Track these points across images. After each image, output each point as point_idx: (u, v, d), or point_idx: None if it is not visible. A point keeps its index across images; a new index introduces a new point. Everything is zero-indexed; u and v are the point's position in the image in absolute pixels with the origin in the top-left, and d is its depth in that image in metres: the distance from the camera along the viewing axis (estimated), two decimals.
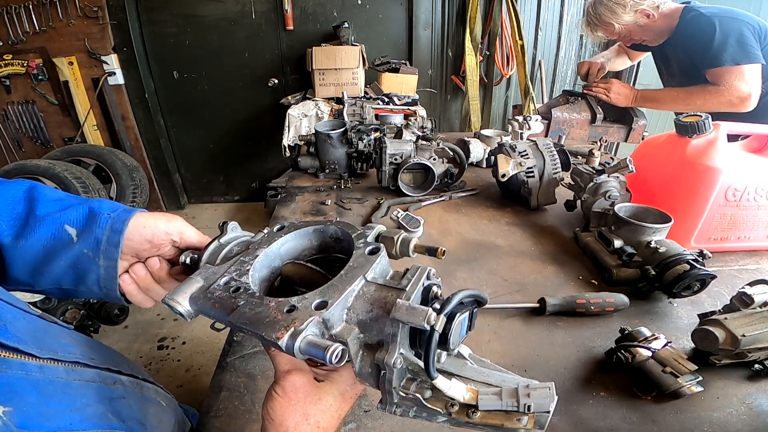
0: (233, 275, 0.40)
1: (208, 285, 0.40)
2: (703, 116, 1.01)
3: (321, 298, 0.34)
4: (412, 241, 0.41)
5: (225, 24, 3.25)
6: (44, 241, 0.47)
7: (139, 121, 3.47)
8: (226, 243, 0.47)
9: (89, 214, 0.49)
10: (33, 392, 0.35)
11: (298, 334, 0.32)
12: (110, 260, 0.48)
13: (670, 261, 0.83)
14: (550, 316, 0.83)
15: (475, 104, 3.40)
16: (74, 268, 0.49)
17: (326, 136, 1.45)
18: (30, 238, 0.47)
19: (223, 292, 0.38)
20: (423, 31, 3.34)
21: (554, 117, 1.81)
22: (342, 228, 0.43)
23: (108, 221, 0.49)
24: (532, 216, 1.25)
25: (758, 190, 0.99)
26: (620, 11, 1.64)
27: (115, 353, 0.53)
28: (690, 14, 1.58)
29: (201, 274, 0.43)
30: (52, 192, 0.52)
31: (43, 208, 0.49)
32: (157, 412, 0.51)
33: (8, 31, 3.01)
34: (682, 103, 1.63)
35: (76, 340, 0.46)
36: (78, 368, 0.41)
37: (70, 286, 0.50)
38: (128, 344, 2.33)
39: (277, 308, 0.34)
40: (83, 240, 0.48)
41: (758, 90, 1.50)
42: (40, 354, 0.37)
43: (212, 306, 0.38)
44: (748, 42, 1.48)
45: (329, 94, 2.92)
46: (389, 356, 0.32)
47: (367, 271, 0.36)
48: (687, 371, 0.64)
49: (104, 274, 0.49)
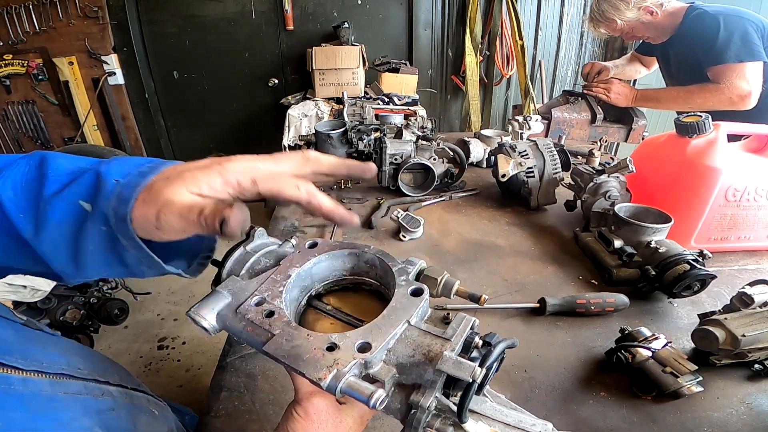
0: (265, 295, 0.38)
1: (237, 303, 0.38)
2: (703, 116, 1.01)
3: (364, 340, 0.33)
4: (455, 285, 0.40)
5: (225, 24, 3.25)
6: (63, 227, 0.37)
7: (139, 121, 3.47)
8: (253, 252, 0.44)
9: (96, 181, 0.38)
10: (17, 407, 0.33)
11: (342, 376, 0.31)
12: (128, 239, 0.36)
13: (670, 261, 0.83)
14: (550, 316, 0.83)
15: (475, 104, 3.40)
16: (105, 250, 0.38)
17: (326, 136, 1.45)
18: (48, 227, 0.37)
19: (255, 315, 0.36)
20: (423, 31, 3.34)
21: (554, 117, 1.81)
22: (381, 257, 0.42)
23: (114, 189, 0.37)
24: (532, 216, 1.25)
25: (758, 190, 0.99)
26: (623, 7, 1.64)
27: (104, 361, 0.51)
28: (694, 12, 1.59)
29: (228, 287, 0.40)
30: (64, 159, 0.40)
31: (50, 185, 0.38)
32: (149, 421, 0.50)
33: (8, 31, 3.02)
34: (683, 102, 1.63)
35: (62, 348, 0.44)
36: (64, 380, 0.39)
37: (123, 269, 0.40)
38: (128, 344, 2.33)
39: (316, 344, 0.33)
40: (92, 217, 0.37)
41: (758, 88, 1.50)
42: (24, 366, 0.36)
43: (243, 329, 0.36)
44: (752, 40, 1.48)
45: (329, 94, 2.92)
46: (425, 399, 0.33)
47: (411, 314, 0.35)
48: (687, 371, 0.64)
49: (137, 254, 0.37)
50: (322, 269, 0.43)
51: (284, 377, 0.70)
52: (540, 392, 0.67)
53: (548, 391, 0.67)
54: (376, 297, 0.44)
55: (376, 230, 1.17)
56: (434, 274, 0.40)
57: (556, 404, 0.65)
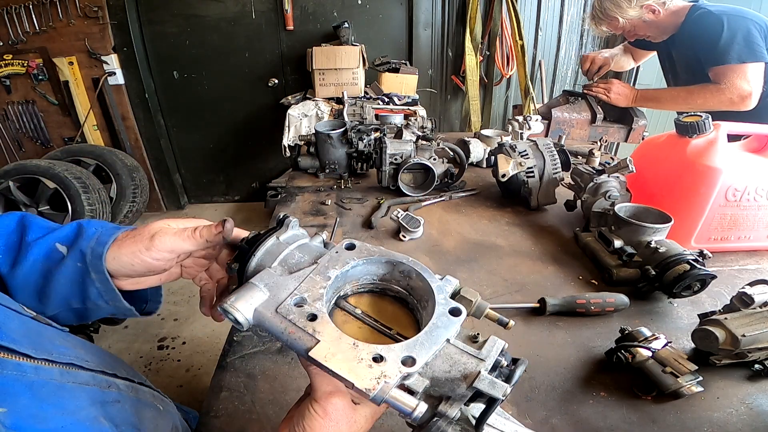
0: (305, 296, 0.38)
1: (276, 300, 0.38)
2: (703, 116, 1.01)
3: (409, 354, 0.35)
4: (487, 309, 0.43)
5: (225, 24, 3.25)
6: (39, 264, 0.47)
7: (139, 121, 3.47)
8: (286, 243, 0.44)
9: (77, 230, 0.50)
10: (27, 394, 0.34)
11: (388, 389, 0.33)
12: (99, 273, 0.47)
13: (670, 261, 0.83)
14: (550, 316, 0.83)
15: (475, 104, 3.40)
16: (74, 284, 0.48)
17: (326, 136, 1.45)
18: (24, 264, 0.47)
19: (297, 317, 0.36)
20: (423, 31, 3.34)
21: (554, 117, 1.81)
22: (419, 271, 0.42)
23: (94, 234, 0.49)
24: (532, 216, 1.25)
25: (758, 190, 0.99)
26: (625, 5, 1.64)
27: (111, 356, 0.53)
28: (697, 11, 1.58)
29: (264, 281, 0.39)
30: (43, 220, 0.52)
31: (33, 233, 0.49)
32: (154, 416, 0.51)
33: (8, 31, 3.02)
34: (683, 102, 1.63)
35: (71, 342, 0.46)
36: (72, 370, 0.41)
37: (80, 305, 0.50)
38: (128, 344, 2.33)
39: (363, 354, 0.34)
40: (72, 254, 0.47)
41: (759, 89, 1.50)
42: (35, 354, 0.37)
43: (284, 330, 0.36)
44: (755, 40, 1.48)
45: (329, 94, 2.92)
46: (452, 410, 0.35)
47: (450, 333, 0.37)
48: (687, 371, 0.64)
49: (102, 288, 0.48)
50: (357, 272, 0.43)
51: (284, 377, 0.70)
52: (540, 392, 0.67)
53: (548, 391, 0.67)
54: (399, 304, 0.45)
55: (376, 230, 1.17)
56: (469, 296, 0.42)
57: (556, 404, 0.65)
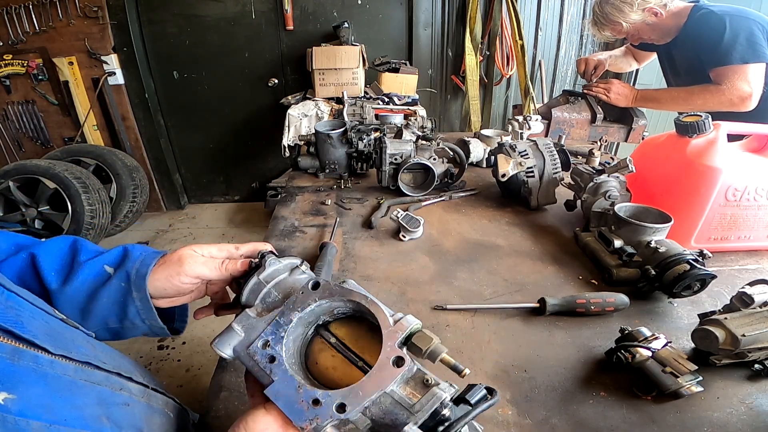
0: (269, 338, 0.45)
1: (248, 341, 0.45)
2: (703, 116, 1.01)
3: (342, 401, 0.39)
4: (442, 354, 0.43)
5: (225, 24, 3.25)
6: (87, 283, 0.53)
7: (139, 121, 3.47)
8: (265, 281, 0.50)
9: (123, 253, 0.56)
10: (40, 383, 0.36)
11: (320, 429, 0.39)
12: (140, 291, 0.53)
13: (670, 261, 0.83)
14: (550, 316, 0.83)
15: (475, 104, 3.40)
16: (115, 303, 0.53)
17: (326, 136, 1.45)
18: (75, 282, 0.52)
19: (261, 358, 0.44)
20: (423, 31, 3.34)
21: (554, 117, 1.81)
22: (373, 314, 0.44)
23: (139, 257, 0.55)
24: (532, 216, 1.25)
25: (758, 190, 0.99)
26: (627, 9, 1.63)
27: (131, 362, 0.55)
28: (699, 12, 1.58)
29: (241, 323, 0.47)
30: (92, 244, 0.58)
31: (85, 255, 0.55)
32: (163, 423, 0.52)
33: (8, 31, 3.02)
34: (683, 103, 1.63)
35: (92, 345, 0.48)
36: (88, 369, 0.43)
37: (117, 324, 0.55)
38: (128, 344, 2.32)
39: (304, 397, 0.40)
40: (117, 275, 0.54)
41: (759, 90, 1.50)
42: (54, 350, 0.39)
43: (252, 367, 0.44)
44: (758, 41, 1.47)
45: (329, 94, 2.92)
46: None
47: (387, 384, 0.40)
48: (687, 371, 0.64)
49: (141, 306, 0.53)
50: (325, 308, 0.47)
51: None
52: (540, 392, 0.67)
53: (548, 391, 0.67)
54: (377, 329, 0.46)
55: (376, 230, 1.17)
56: (421, 343, 0.43)
57: (556, 404, 0.65)
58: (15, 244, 0.55)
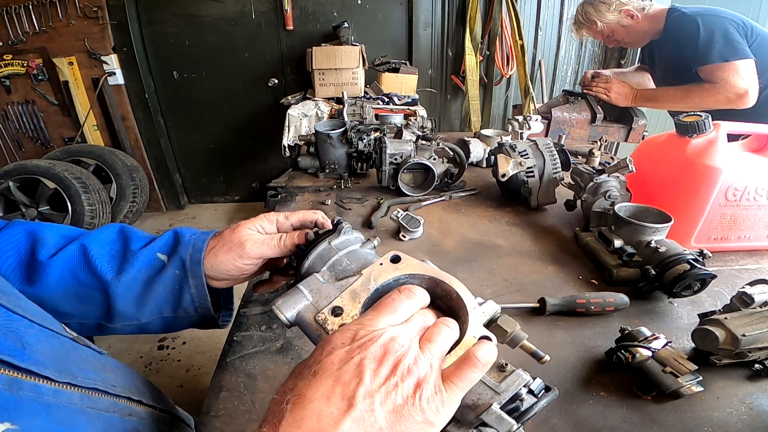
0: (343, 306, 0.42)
1: (316, 307, 0.42)
2: (703, 116, 1.01)
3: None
4: (523, 340, 0.43)
5: (225, 24, 3.25)
6: (143, 272, 0.52)
7: (139, 121, 3.47)
8: (337, 249, 0.48)
9: (174, 238, 0.55)
10: (43, 414, 0.34)
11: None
12: (197, 278, 0.52)
13: (670, 261, 0.83)
14: (550, 316, 0.83)
15: (475, 104, 3.40)
16: (171, 291, 0.53)
17: (326, 136, 1.45)
18: (130, 271, 0.51)
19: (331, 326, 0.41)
20: (423, 31, 3.34)
21: (554, 117, 1.81)
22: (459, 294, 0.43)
23: (189, 241, 0.54)
24: (532, 216, 1.25)
25: (758, 190, 0.99)
26: (604, 9, 1.65)
27: (144, 381, 0.53)
28: (673, 15, 1.59)
29: (308, 286, 0.44)
30: (140, 231, 0.57)
31: (136, 243, 0.54)
32: None
33: (8, 31, 3.02)
34: (681, 102, 1.63)
35: (103, 365, 0.46)
36: (95, 395, 0.41)
37: (171, 313, 0.54)
38: (128, 344, 2.33)
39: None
40: (172, 263, 0.52)
41: (755, 85, 1.50)
42: (58, 378, 0.37)
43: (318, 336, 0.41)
44: (734, 38, 1.48)
45: (329, 94, 2.92)
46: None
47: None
48: (687, 371, 0.63)
49: (196, 293, 0.53)
50: (401, 284, 0.45)
51: (284, 377, 0.69)
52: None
53: None
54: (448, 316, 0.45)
55: (375, 230, 1.17)
56: (506, 326, 0.42)
57: (556, 404, 0.65)
58: (63, 236, 0.53)
